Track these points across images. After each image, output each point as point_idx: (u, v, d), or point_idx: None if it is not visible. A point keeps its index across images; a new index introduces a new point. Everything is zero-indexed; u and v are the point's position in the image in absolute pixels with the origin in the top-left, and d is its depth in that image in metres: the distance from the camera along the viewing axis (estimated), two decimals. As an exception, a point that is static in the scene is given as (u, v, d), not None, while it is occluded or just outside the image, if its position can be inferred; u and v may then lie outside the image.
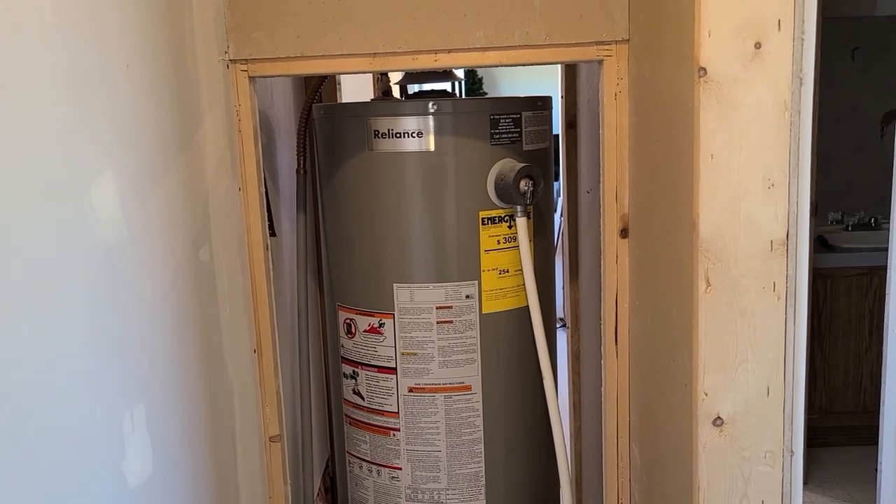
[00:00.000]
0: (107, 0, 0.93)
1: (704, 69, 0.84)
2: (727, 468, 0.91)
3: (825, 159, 3.46)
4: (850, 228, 3.36)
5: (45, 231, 0.77)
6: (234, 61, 1.36)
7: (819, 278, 3.02)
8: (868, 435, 2.30)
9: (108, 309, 0.90)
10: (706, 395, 0.90)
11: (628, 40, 1.35)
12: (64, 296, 0.80)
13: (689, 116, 0.87)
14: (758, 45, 0.83)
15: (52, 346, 0.78)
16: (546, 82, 2.18)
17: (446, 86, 1.79)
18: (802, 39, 0.82)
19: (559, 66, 2.16)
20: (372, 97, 2.00)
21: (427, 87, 1.85)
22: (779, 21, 0.83)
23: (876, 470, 2.18)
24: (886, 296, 2.13)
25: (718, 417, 0.91)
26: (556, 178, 2.21)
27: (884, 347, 2.17)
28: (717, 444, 0.91)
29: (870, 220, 3.36)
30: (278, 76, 1.48)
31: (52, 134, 0.80)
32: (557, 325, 2.17)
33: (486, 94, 8.13)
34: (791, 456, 0.90)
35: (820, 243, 3.20)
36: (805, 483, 2.97)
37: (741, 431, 0.91)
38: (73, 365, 0.82)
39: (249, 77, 1.38)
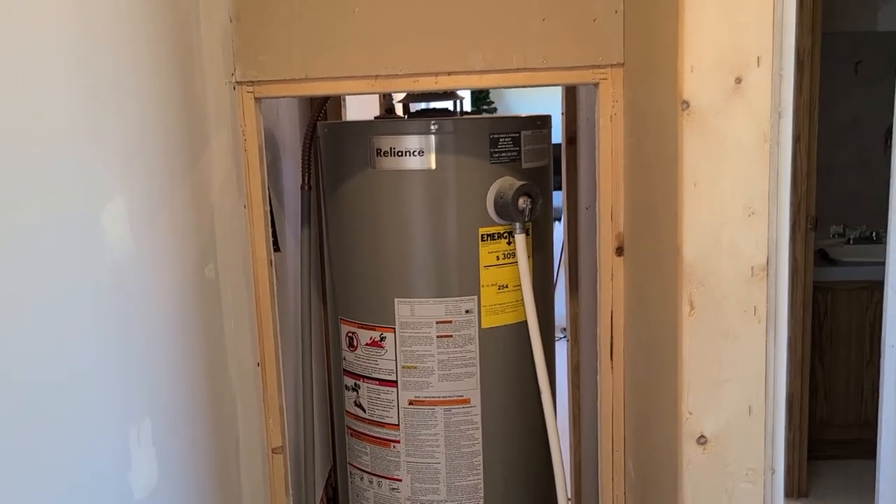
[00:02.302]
0: (121, 34, 0.97)
1: (687, 102, 0.88)
2: (711, 485, 0.94)
3: (828, 171, 3.48)
4: (851, 242, 3.38)
5: (57, 252, 0.81)
6: (240, 83, 1.41)
7: (820, 291, 3.04)
8: (869, 448, 2.31)
9: (117, 326, 0.94)
10: (690, 413, 0.93)
11: (623, 64, 1.38)
12: (74, 314, 0.84)
13: (674, 146, 0.91)
14: (738, 80, 0.87)
15: (61, 363, 0.81)
16: (551, 96, 2.21)
17: (448, 104, 1.83)
18: (781, 75, 0.85)
19: (560, 83, 2.20)
20: (377, 114, 2.04)
21: (430, 103, 1.88)
22: (758, 57, 0.86)
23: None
24: (883, 312, 2.15)
25: (702, 436, 0.94)
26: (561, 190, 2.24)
27: (880, 364, 2.19)
28: (701, 461, 0.94)
29: (871, 233, 3.37)
30: (283, 97, 1.52)
31: (68, 161, 0.84)
32: (560, 337, 2.21)
33: (493, 103, 8.17)
34: (773, 473, 0.93)
35: (821, 257, 3.21)
36: (805, 495, 2.99)
37: (724, 449, 0.94)
38: (83, 381, 0.86)
39: (255, 98, 1.42)
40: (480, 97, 8.22)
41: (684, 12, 0.86)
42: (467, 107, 1.91)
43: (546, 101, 2.48)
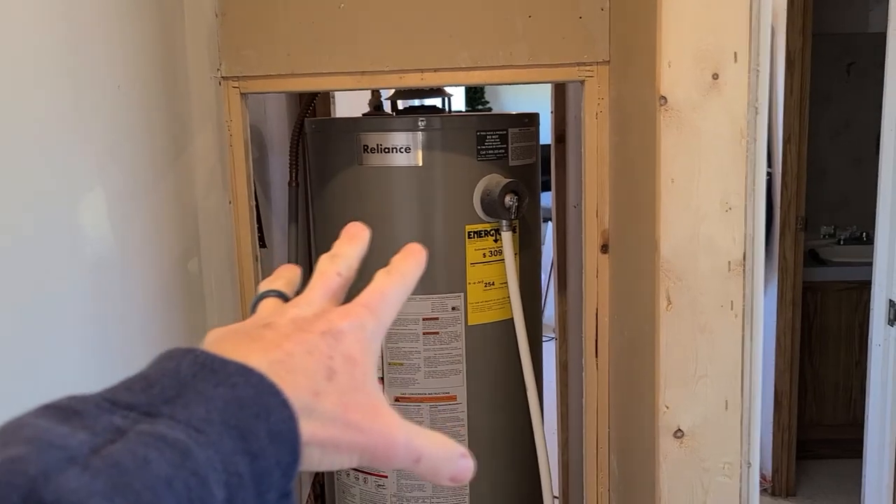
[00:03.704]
0: (100, 26, 0.97)
1: (665, 98, 0.88)
2: (687, 479, 0.95)
3: (821, 173, 3.50)
4: (841, 242, 3.39)
5: (34, 248, 0.81)
6: (225, 78, 1.41)
7: (809, 292, 3.05)
8: (857, 447, 2.34)
9: (97, 322, 0.94)
10: (667, 408, 0.94)
11: (608, 61, 1.38)
12: (53, 310, 0.84)
13: (652, 141, 0.91)
14: (715, 76, 0.87)
15: (39, 362, 0.82)
16: (545, 92, 2.22)
17: (436, 101, 1.83)
18: (758, 71, 0.86)
19: (550, 81, 2.20)
20: (367, 109, 2.04)
21: (421, 100, 1.89)
22: (735, 53, 0.86)
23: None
24: (870, 312, 2.17)
25: (679, 430, 0.94)
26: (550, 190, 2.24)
27: (868, 363, 2.21)
28: (677, 455, 0.95)
29: (861, 234, 3.38)
30: (269, 93, 1.53)
31: (45, 155, 0.84)
32: (550, 337, 2.21)
33: (488, 102, 8.18)
34: (749, 467, 0.94)
35: (811, 257, 3.23)
36: (793, 495, 3.00)
37: (701, 444, 0.94)
38: (61, 380, 0.86)
39: (241, 94, 1.42)
40: (475, 96, 8.21)
41: (662, 7, 0.87)
42: (461, 105, 1.91)
43: (541, 100, 2.48)
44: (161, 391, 0.33)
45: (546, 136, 2.17)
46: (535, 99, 2.68)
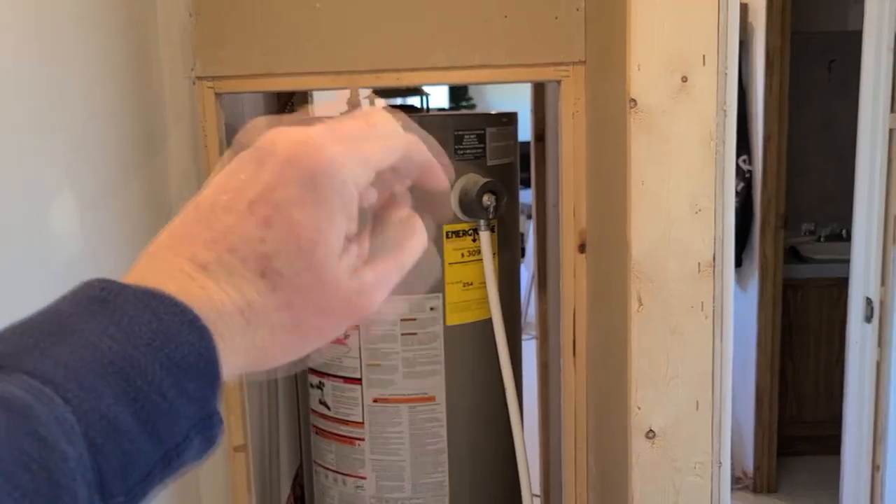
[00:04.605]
0: (70, 26, 0.96)
1: (635, 101, 0.88)
2: (659, 479, 0.95)
3: (803, 170, 3.51)
4: (822, 240, 3.41)
5: (1, 250, 0.80)
6: (200, 78, 1.40)
7: (790, 289, 3.07)
8: (837, 443, 2.35)
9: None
10: (639, 408, 0.94)
11: (585, 62, 1.39)
12: (21, 313, 0.83)
13: (623, 144, 0.92)
14: (684, 79, 0.88)
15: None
16: (529, 90, 2.23)
17: (416, 100, 1.83)
18: (726, 74, 0.86)
19: (530, 81, 2.20)
20: (346, 108, 2.03)
21: (403, 99, 1.88)
22: (703, 56, 0.87)
23: (839, 479, 2.23)
24: (848, 310, 2.19)
25: (651, 430, 0.94)
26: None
27: (846, 361, 2.23)
28: (649, 455, 0.95)
29: (842, 231, 3.41)
30: (244, 93, 1.52)
31: (11, 156, 0.83)
32: (531, 336, 2.21)
33: (472, 99, 8.17)
34: (719, 467, 0.94)
35: (792, 254, 3.24)
36: (774, 491, 3.02)
37: (672, 444, 0.95)
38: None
39: (216, 94, 1.41)
40: (459, 93, 8.19)
41: (632, 11, 0.87)
42: (444, 102, 1.91)
43: (526, 98, 2.48)
44: (38, 335, 0.31)
45: (527, 133, 2.17)
46: (519, 97, 2.68)
